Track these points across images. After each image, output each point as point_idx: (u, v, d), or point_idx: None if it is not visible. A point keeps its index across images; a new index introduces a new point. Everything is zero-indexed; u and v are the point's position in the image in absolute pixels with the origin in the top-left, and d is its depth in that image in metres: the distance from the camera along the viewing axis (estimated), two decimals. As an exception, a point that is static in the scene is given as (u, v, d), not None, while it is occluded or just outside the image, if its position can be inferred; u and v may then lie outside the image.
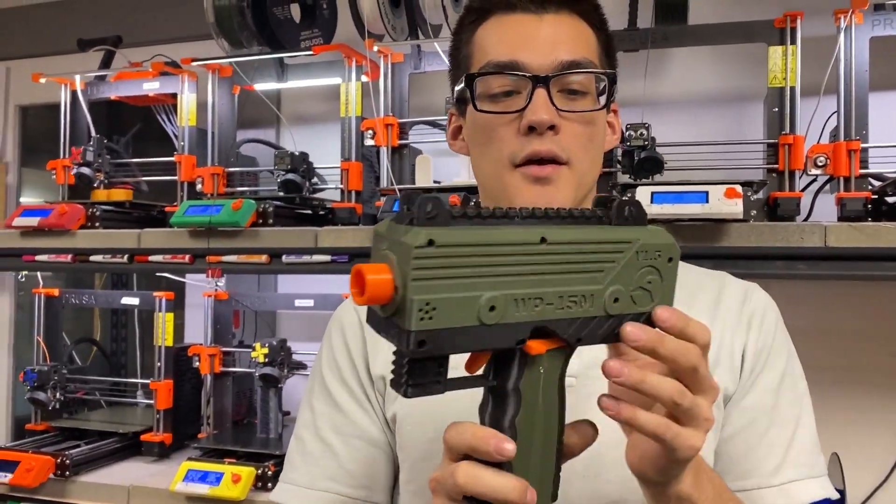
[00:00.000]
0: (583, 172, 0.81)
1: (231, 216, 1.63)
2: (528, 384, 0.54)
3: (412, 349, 0.48)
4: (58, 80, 2.07)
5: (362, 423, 0.88)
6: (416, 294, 0.47)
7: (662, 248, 0.57)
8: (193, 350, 1.92)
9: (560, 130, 0.79)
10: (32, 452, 1.79)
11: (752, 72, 1.76)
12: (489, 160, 0.83)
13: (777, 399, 0.84)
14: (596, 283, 0.55)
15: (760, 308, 0.88)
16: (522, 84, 0.79)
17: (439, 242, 0.48)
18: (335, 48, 1.77)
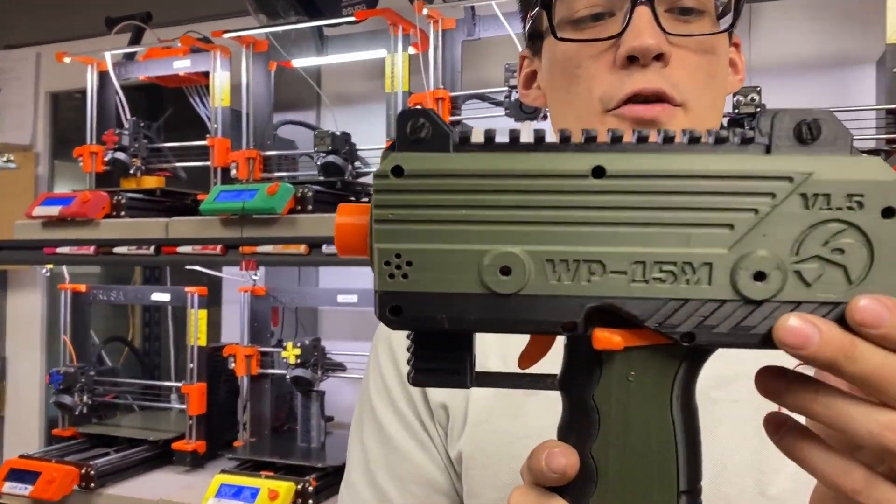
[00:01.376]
0: (701, 117, 0.60)
1: (266, 202, 1.46)
2: (605, 396, 0.36)
3: (382, 316, 0.35)
4: (84, 60, 1.93)
5: (421, 465, 0.69)
6: (380, 241, 0.35)
7: (867, 188, 0.33)
8: (229, 350, 1.76)
9: (670, 61, 0.58)
10: (56, 462, 1.65)
11: (861, 29, 1.53)
12: (574, 108, 0.62)
13: None
14: (713, 245, 0.33)
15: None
16: (617, 3, 0.59)
17: (410, 171, 0.34)
18: (380, 13, 1.58)
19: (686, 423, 0.36)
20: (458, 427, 0.66)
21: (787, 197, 0.33)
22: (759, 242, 0.33)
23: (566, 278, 0.34)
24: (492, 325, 0.35)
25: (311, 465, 1.57)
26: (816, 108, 0.34)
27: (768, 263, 0.33)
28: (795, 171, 0.33)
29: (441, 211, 0.34)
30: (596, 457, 0.36)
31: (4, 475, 1.64)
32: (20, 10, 2.57)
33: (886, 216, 0.32)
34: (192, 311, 1.78)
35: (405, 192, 0.34)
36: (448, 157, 0.34)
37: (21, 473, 1.63)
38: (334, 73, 2.03)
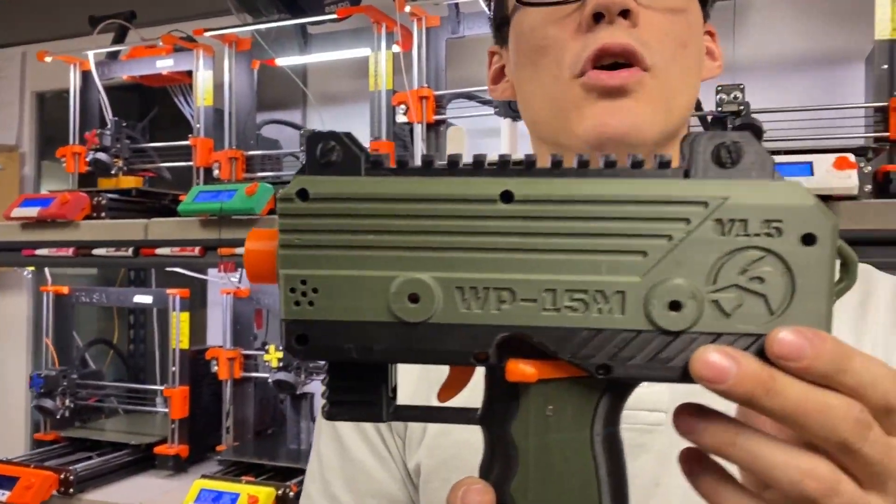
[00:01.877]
0: (672, 87, 0.57)
1: (245, 202, 1.43)
2: (522, 430, 0.34)
3: (288, 345, 0.34)
4: (65, 59, 1.90)
5: (378, 477, 0.67)
6: (285, 266, 0.33)
7: (785, 213, 0.31)
8: (211, 353, 1.74)
9: (638, 20, 0.55)
10: (35, 467, 1.63)
11: (849, 26, 1.51)
12: (542, 83, 0.59)
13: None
14: (626, 273, 0.32)
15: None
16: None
17: (316, 194, 0.33)
18: (363, 10, 1.56)
19: (609, 460, 0.34)
20: (417, 438, 0.64)
21: (702, 223, 0.31)
22: (673, 270, 0.32)
23: (476, 306, 0.33)
24: (401, 355, 0.34)
25: (300, 468, 1.55)
26: (737, 132, 0.32)
27: (683, 292, 0.32)
28: (710, 195, 0.31)
29: (348, 236, 0.33)
30: (515, 496, 0.34)
31: (-18, 480, 1.62)
32: (5, 9, 2.55)
33: (806, 243, 0.31)
34: (174, 313, 1.76)
35: (311, 216, 0.33)
36: (356, 181, 0.33)
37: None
38: (319, 73, 2.01)
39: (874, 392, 0.31)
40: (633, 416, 0.55)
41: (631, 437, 0.55)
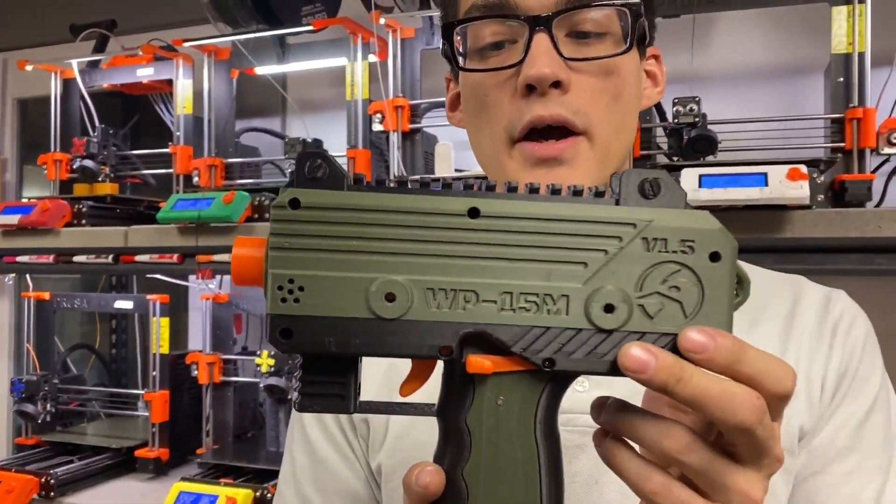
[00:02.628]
0: (607, 142, 0.61)
1: (222, 210, 1.47)
2: (477, 419, 0.39)
3: (273, 339, 0.38)
4: (47, 68, 1.92)
5: (343, 477, 0.71)
6: (274, 267, 0.38)
7: (696, 236, 0.38)
8: (191, 358, 1.76)
9: (570, 88, 0.59)
10: (15, 471, 1.65)
11: (810, 39, 1.56)
12: (485, 136, 0.64)
13: (863, 437, 0.64)
14: (570, 280, 0.38)
15: (847, 320, 0.67)
16: (518, 30, 0.60)
17: (307, 203, 0.37)
18: (338, 22, 1.60)
19: (548, 446, 0.39)
20: (379, 440, 0.68)
21: (632, 240, 0.38)
22: (608, 279, 0.38)
23: (444, 305, 0.38)
24: (376, 348, 0.38)
25: (279, 470, 1.57)
26: (657, 170, 0.39)
27: (616, 297, 0.37)
28: (638, 218, 0.38)
29: (333, 241, 0.37)
30: (467, 478, 0.39)
31: (-37, 484, 1.64)
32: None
33: (713, 260, 0.38)
34: (154, 318, 1.78)
35: (300, 222, 0.37)
36: (342, 194, 0.38)
37: (-20, 483, 1.63)
38: (298, 81, 2.04)
39: (769, 380, 0.36)
40: (574, 419, 0.59)
41: (572, 438, 0.59)
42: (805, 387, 0.64)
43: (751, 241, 1.16)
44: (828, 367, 0.65)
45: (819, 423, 0.64)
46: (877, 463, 0.64)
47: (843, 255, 1.14)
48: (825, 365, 0.65)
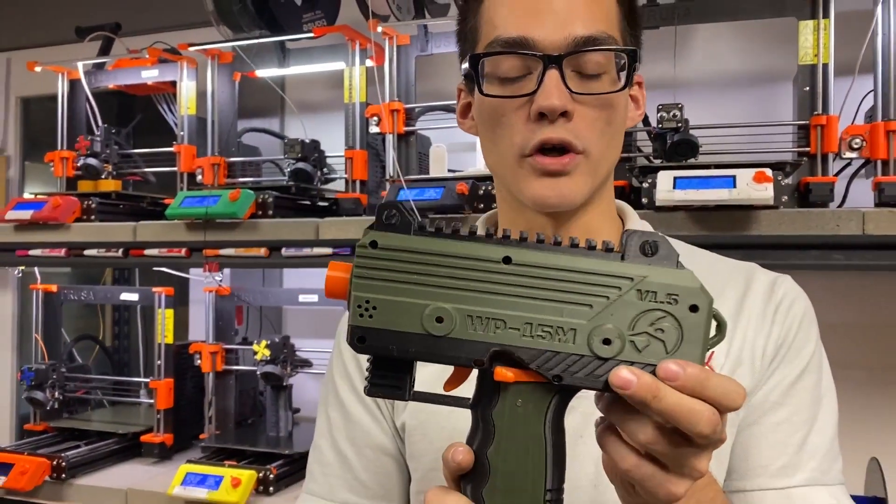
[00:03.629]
0: (599, 161, 0.73)
1: (228, 207, 1.55)
2: (500, 414, 0.52)
3: (351, 342, 0.51)
4: (54, 69, 2.00)
5: (373, 433, 0.84)
6: (357, 290, 0.51)
7: (680, 291, 0.49)
8: (195, 348, 1.85)
9: (574, 116, 0.70)
10: (28, 454, 1.73)
11: (781, 49, 1.66)
12: (498, 148, 0.75)
13: (793, 395, 0.76)
14: (578, 317, 0.50)
15: (787, 300, 0.79)
16: (533, 64, 0.70)
17: (382, 245, 0.51)
18: (337, 30, 1.68)
19: (555, 440, 0.51)
20: (403, 403, 0.80)
21: (628, 291, 0.49)
22: (608, 319, 0.50)
23: (480, 329, 0.50)
24: (427, 356, 0.51)
25: (279, 453, 1.67)
26: (657, 233, 0.51)
27: (613, 333, 0.49)
28: (636, 273, 0.49)
29: (400, 274, 0.50)
30: (490, 458, 0.51)
31: (-22, 467, 1.72)
32: (-9, 16, 2.63)
33: (692, 311, 0.49)
34: (159, 310, 1.87)
35: (377, 259, 0.50)
36: (408, 238, 0.51)
37: (-6, 465, 1.71)
38: (298, 83, 2.13)
39: (725, 400, 0.48)
40: None
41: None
42: (749, 356, 0.76)
43: (721, 238, 1.27)
44: (768, 339, 0.77)
45: (760, 383, 0.76)
46: (804, 416, 0.76)
47: (803, 251, 1.24)
48: (766, 337, 0.77)
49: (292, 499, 1.58)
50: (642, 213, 1.31)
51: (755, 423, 0.76)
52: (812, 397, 0.77)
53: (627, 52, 0.72)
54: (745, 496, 0.75)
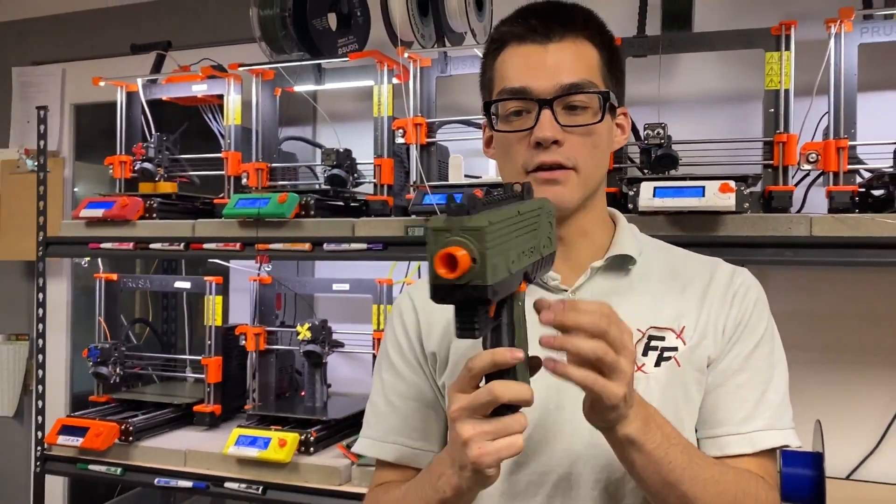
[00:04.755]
0: (588, 175, 0.98)
1: (277, 208, 1.81)
2: (518, 315, 0.74)
3: (490, 298, 0.67)
4: (115, 84, 2.26)
5: (420, 388, 1.05)
6: (491, 259, 0.66)
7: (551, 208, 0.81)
8: (240, 329, 2.11)
9: (564, 142, 0.95)
10: (99, 420, 2.00)
11: (756, 74, 1.90)
12: (509, 168, 1.00)
13: (750, 363, 0.98)
14: (535, 238, 0.76)
15: (743, 288, 1.02)
16: (531, 105, 0.96)
17: (492, 221, 0.67)
18: (369, 55, 1.94)
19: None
20: (442, 366, 1.03)
21: (543, 215, 0.82)
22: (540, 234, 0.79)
23: (524, 259, 0.74)
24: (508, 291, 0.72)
25: (317, 419, 1.93)
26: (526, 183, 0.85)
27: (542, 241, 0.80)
28: (540, 205, 0.81)
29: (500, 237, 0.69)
30: (518, 345, 0.76)
31: (57, 430, 1.99)
32: (47, 32, 2.89)
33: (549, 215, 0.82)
34: (209, 297, 2.13)
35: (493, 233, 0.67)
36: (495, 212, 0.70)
37: (72, 429, 1.98)
38: (329, 95, 2.38)
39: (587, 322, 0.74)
40: None
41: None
42: (713, 330, 0.99)
43: (694, 238, 1.52)
44: (728, 318, 1.00)
45: (721, 355, 0.99)
46: (760, 379, 0.99)
47: (761, 250, 1.50)
48: (726, 317, 1.00)
49: (329, 458, 1.84)
50: (630, 217, 1.58)
51: (721, 386, 0.98)
52: (766, 364, 0.99)
53: (601, 93, 0.97)
54: (715, 441, 0.97)
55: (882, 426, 1.87)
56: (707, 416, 0.98)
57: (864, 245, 1.44)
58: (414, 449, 1.04)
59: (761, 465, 0.95)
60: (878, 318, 1.88)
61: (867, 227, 1.44)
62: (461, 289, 0.66)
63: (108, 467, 1.96)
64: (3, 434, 2.96)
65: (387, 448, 1.05)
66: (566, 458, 0.94)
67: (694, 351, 0.97)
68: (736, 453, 0.95)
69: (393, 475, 1.04)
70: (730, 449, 0.95)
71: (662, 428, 0.83)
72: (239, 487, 1.84)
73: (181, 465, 1.93)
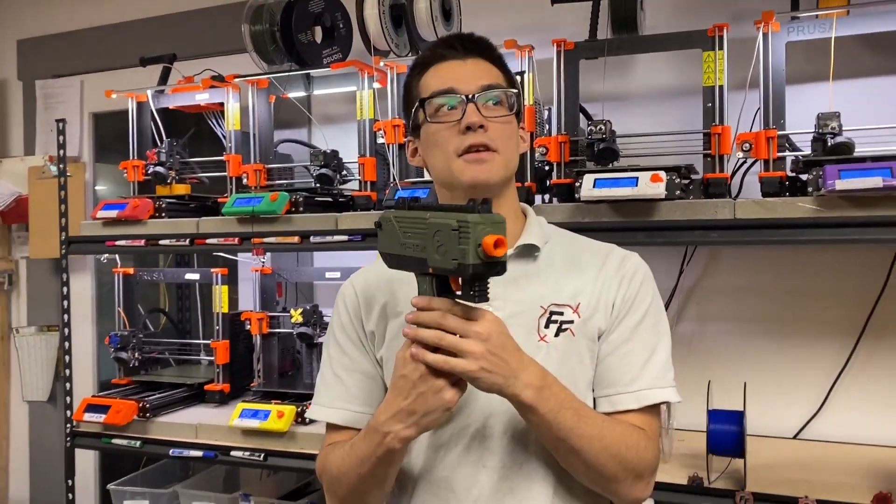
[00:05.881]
0: (508, 158, 1.17)
1: (270, 206, 2.03)
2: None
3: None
4: (127, 95, 2.48)
5: (361, 362, 1.22)
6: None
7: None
8: (245, 315, 2.33)
9: (488, 129, 1.13)
10: (120, 398, 2.24)
11: (700, 71, 2.07)
12: (441, 156, 1.17)
13: (637, 333, 1.16)
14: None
15: (631, 270, 1.19)
16: (458, 102, 1.14)
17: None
18: (350, 64, 2.14)
19: None
20: (380, 342, 1.21)
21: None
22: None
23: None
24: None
25: (311, 394, 2.14)
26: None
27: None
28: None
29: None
30: None
31: (83, 408, 2.23)
32: (66, 47, 3.13)
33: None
34: (216, 286, 2.36)
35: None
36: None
37: (96, 407, 2.22)
38: (321, 99, 2.59)
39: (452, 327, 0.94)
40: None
41: None
42: (604, 305, 1.17)
43: (632, 223, 1.70)
44: (617, 296, 1.18)
45: (612, 327, 1.16)
46: (645, 346, 1.16)
47: (690, 232, 1.68)
48: (615, 294, 1.18)
49: (323, 427, 2.05)
50: (575, 206, 1.78)
51: (612, 353, 1.15)
52: (651, 333, 1.16)
53: (514, 91, 1.18)
54: (608, 399, 1.14)
55: (825, 390, 2.04)
56: (601, 378, 1.15)
57: (779, 226, 1.61)
58: (357, 413, 1.21)
59: (645, 419, 1.13)
60: (824, 294, 2.05)
61: (783, 210, 1.61)
62: (499, 263, 0.89)
63: (128, 440, 2.20)
64: (39, 417, 3.23)
65: (334, 413, 1.22)
66: (482, 414, 1.13)
67: (586, 323, 1.15)
68: (625, 408, 1.13)
69: (340, 436, 1.21)
70: (620, 405, 1.13)
71: (557, 395, 1.01)
72: (243, 455, 2.06)
73: (193, 437, 2.16)
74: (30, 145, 3.20)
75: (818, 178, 1.60)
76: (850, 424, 2.01)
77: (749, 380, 1.74)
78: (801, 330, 2.07)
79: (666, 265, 2.09)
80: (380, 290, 1.22)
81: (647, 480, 1.12)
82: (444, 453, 1.14)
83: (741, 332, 2.11)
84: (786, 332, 2.09)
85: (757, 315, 2.10)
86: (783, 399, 2.06)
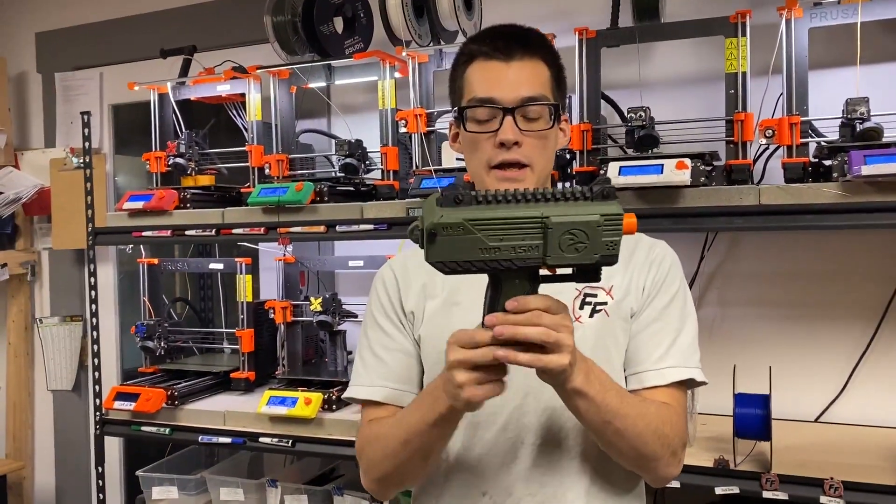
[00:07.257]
0: (540, 171, 1.19)
1: (295, 195, 2.05)
2: None
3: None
4: (148, 87, 2.50)
5: (401, 341, 1.25)
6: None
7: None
8: (269, 304, 2.36)
9: (522, 144, 1.16)
10: (149, 387, 2.27)
11: (720, 57, 2.08)
12: (475, 163, 1.21)
13: (665, 314, 1.19)
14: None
15: (660, 255, 1.23)
16: (496, 112, 1.16)
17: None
18: (372, 54, 2.15)
19: None
20: (419, 322, 1.24)
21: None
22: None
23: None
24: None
25: (338, 381, 2.18)
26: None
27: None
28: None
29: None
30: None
31: (113, 396, 2.27)
32: (85, 40, 3.15)
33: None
34: (240, 276, 2.38)
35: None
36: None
37: (125, 395, 2.26)
38: (340, 89, 2.60)
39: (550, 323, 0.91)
40: None
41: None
42: (635, 289, 1.20)
43: (657, 210, 1.72)
44: (646, 280, 1.21)
45: (642, 308, 1.20)
46: (673, 327, 1.20)
47: (714, 218, 1.69)
48: (646, 278, 1.21)
49: (349, 413, 2.09)
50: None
51: (641, 332, 1.19)
52: (678, 316, 1.20)
53: (552, 105, 1.18)
54: (636, 376, 1.18)
55: (846, 374, 2.06)
56: (631, 357, 1.20)
57: (805, 212, 1.63)
58: (399, 390, 1.24)
59: (672, 395, 1.17)
60: (844, 278, 2.07)
61: (807, 196, 1.63)
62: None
63: (157, 428, 2.24)
64: (64, 406, 3.28)
65: (375, 391, 1.25)
66: (520, 392, 1.16)
67: (620, 304, 1.18)
68: (652, 385, 1.16)
69: (381, 412, 1.24)
70: (648, 382, 1.17)
71: (599, 377, 1.04)
72: (272, 441, 2.10)
73: (221, 424, 2.19)
74: (50, 138, 3.22)
75: (843, 164, 1.61)
76: (871, 407, 2.03)
77: (771, 364, 1.76)
78: (822, 314, 2.09)
79: (687, 251, 2.10)
80: (418, 272, 1.25)
81: (680, 457, 1.16)
82: (482, 432, 1.17)
83: (762, 317, 2.13)
84: (806, 317, 2.10)
85: (777, 299, 2.12)
86: (805, 382, 2.08)
